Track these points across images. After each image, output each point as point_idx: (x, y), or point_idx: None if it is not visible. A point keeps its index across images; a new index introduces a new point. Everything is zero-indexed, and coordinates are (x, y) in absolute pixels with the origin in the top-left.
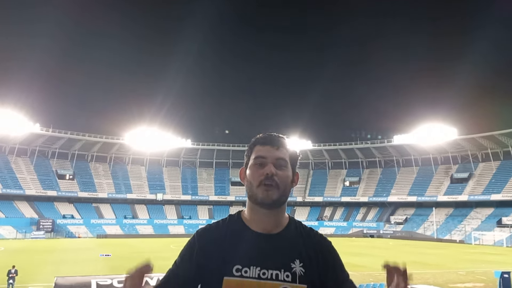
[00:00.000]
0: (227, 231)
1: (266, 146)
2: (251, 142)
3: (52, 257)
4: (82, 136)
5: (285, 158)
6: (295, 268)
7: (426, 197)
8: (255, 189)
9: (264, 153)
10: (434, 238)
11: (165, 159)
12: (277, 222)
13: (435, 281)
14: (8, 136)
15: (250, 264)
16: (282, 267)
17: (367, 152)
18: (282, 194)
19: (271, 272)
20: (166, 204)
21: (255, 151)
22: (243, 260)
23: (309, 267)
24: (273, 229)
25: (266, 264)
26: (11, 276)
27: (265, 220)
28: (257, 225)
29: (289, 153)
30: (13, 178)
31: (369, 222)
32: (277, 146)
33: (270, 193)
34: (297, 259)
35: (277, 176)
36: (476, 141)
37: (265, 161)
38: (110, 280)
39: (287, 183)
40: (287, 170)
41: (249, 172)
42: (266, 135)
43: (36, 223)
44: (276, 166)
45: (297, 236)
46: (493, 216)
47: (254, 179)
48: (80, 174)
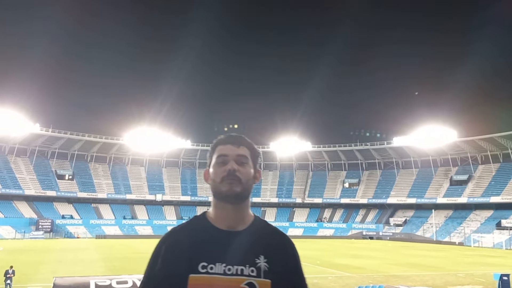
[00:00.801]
0: (192, 231)
1: (228, 145)
2: (212, 144)
3: (50, 257)
4: (82, 137)
5: (246, 155)
6: (260, 263)
7: (426, 199)
8: (219, 185)
9: (225, 151)
10: (433, 240)
11: (165, 160)
12: (242, 219)
13: (434, 283)
14: (7, 136)
15: (216, 261)
16: (247, 263)
17: (366, 153)
18: (245, 188)
19: (236, 267)
20: (166, 205)
21: (217, 151)
22: (208, 257)
23: (274, 263)
24: (238, 226)
25: (232, 260)
26: (8, 277)
27: (230, 217)
28: (222, 222)
29: (250, 151)
30: (12, 178)
31: (368, 224)
32: (237, 145)
33: (233, 186)
34: (261, 254)
35: (239, 171)
36: (475, 143)
37: (227, 159)
38: (109, 281)
39: (249, 178)
40: (248, 166)
41: (212, 170)
42: (227, 135)
43: (35, 223)
44: (237, 163)
45: (262, 233)
46: (493, 218)
47: (217, 176)
48: (79, 174)
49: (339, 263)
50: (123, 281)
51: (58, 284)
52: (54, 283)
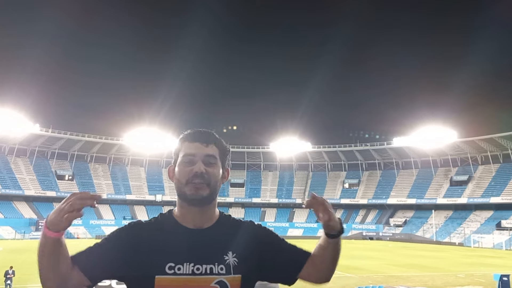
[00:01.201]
0: (158, 229)
1: (195, 143)
2: (179, 139)
3: None
4: (82, 137)
5: (215, 155)
6: (228, 260)
7: (426, 199)
8: (184, 187)
9: (193, 150)
10: (433, 241)
11: (165, 160)
12: (208, 218)
13: (434, 283)
14: (7, 136)
15: (183, 261)
16: (215, 261)
17: (366, 154)
18: (212, 191)
19: (205, 266)
20: (166, 205)
21: (183, 148)
22: (175, 257)
23: (243, 256)
24: (204, 224)
25: (200, 259)
26: (8, 277)
27: (196, 217)
28: (188, 221)
29: (219, 149)
30: (12, 178)
31: (368, 224)
32: (206, 143)
33: (200, 190)
34: (229, 251)
35: (207, 173)
36: (475, 144)
37: (194, 159)
38: (108, 281)
39: (217, 180)
40: (216, 167)
41: (178, 169)
42: (194, 131)
43: (35, 223)
44: (205, 163)
45: (228, 228)
46: (493, 219)
47: (182, 176)
48: (79, 174)
49: (338, 263)
50: None
51: None
52: None
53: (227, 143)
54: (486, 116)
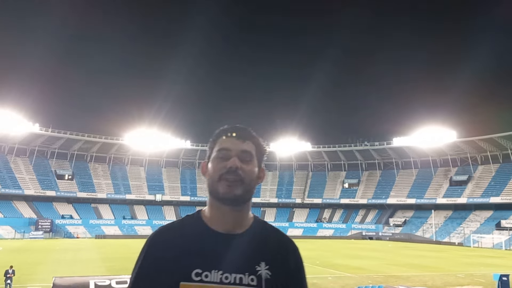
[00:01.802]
0: (184, 232)
1: (231, 138)
2: (214, 134)
3: (50, 257)
4: (82, 137)
5: (251, 151)
6: (261, 271)
7: (425, 199)
8: (216, 183)
9: (228, 145)
10: (433, 241)
11: (164, 160)
12: (241, 221)
13: (433, 283)
14: (7, 136)
15: (211, 268)
16: (246, 270)
17: (366, 154)
18: (247, 190)
19: (235, 276)
20: (165, 205)
21: (218, 143)
22: (203, 264)
23: (276, 270)
24: (236, 229)
25: (229, 267)
26: (8, 276)
27: (228, 219)
28: (218, 224)
29: (256, 147)
30: (12, 178)
31: (368, 224)
32: (242, 139)
33: (233, 188)
34: (262, 261)
35: (241, 169)
36: (475, 144)
37: (228, 154)
38: (108, 281)
39: (252, 178)
40: (252, 164)
41: (211, 165)
42: (231, 126)
43: (34, 223)
44: (240, 159)
45: (263, 237)
46: (492, 218)
47: (215, 172)
48: (79, 174)
49: (338, 263)
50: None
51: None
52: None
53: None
54: (486, 116)
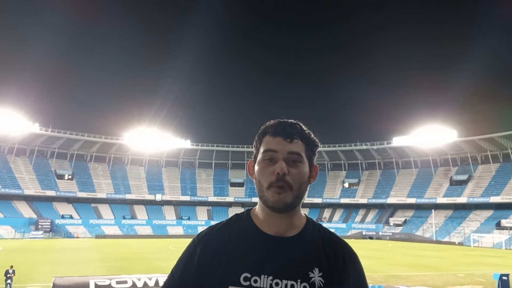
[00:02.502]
0: (233, 233)
1: (277, 137)
2: (260, 131)
3: (50, 257)
4: (81, 136)
5: (300, 152)
6: (314, 278)
7: (425, 199)
8: (265, 191)
9: (274, 146)
10: (433, 240)
11: (164, 160)
12: (292, 224)
13: (434, 283)
14: (7, 136)
15: (261, 273)
16: (298, 277)
17: (366, 153)
18: (297, 196)
19: (286, 282)
20: (165, 205)
21: (264, 142)
22: (252, 268)
23: (329, 277)
24: (288, 231)
25: (280, 272)
26: (9, 276)
27: (278, 223)
28: (269, 227)
29: (305, 145)
30: (12, 177)
31: (368, 224)
32: (290, 138)
33: (283, 196)
34: (316, 267)
35: (290, 175)
36: (475, 143)
37: (275, 156)
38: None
39: (303, 182)
40: (302, 166)
41: (258, 168)
42: (277, 122)
43: (34, 223)
44: (288, 162)
45: (316, 240)
46: (492, 218)
47: (263, 179)
48: (79, 174)
49: None
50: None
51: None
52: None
53: (227, 143)
54: (486, 115)
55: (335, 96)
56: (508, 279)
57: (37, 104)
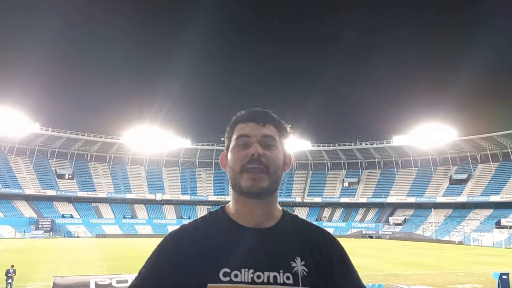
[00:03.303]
0: (209, 229)
1: (250, 122)
2: (231, 121)
3: (50, 256)
4: (82, 136)
5: (274, 136)
6: (296, 267)
7: (425, 198)
8: (238, 176)
9: (247, 130)
10: (433, 239)
11: (165, 159)
12: (270, 214)
13: (433, 282)
14: (7, 136)
15: (241, 266)
16: (280, 267)
17: (366, 153)
18: (273, 180)
19: (268, 274)
20: (165, 204)
21: (236, 130)
22: (232, 262)
23: (312, 265)
24: (265, 222)
25: (261, 265)
26: (9, 276)
27: (255, 213)
28: (246, 219)
29: (278, 130)
30: (12, 177)
31: (368, 223)
32: (263, 122)
33: (258, 180)
34: (297, 256)
35: (265, 157)
36: (475, 142)
37: (249, 140)
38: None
39: (278, 166)
40: (276, 150)
41: (230, 155)
42: (248, 110)
43: (35, 222)
44: (263, 145)
45: (296, 229)
46: (492, 217)
47: (236, 163)
48: (79, 173)
49: None
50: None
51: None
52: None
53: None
54: (486, 114)
55: (334, 96)
56: (508, 278)
57: (38, 104)
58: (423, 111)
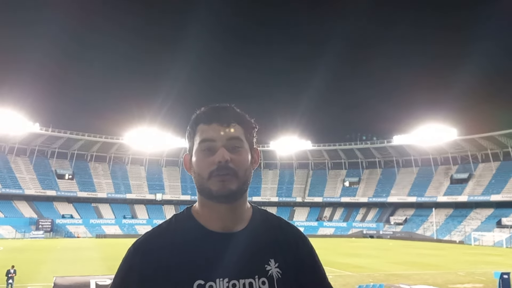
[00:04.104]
0: (177, 236)
1: (212, 124)
2: (191, 120)
3: (51, 256)
4: (82, 136)
5: (239, 137)
6: (271, 270)
7: (426, 197)
8: (206, 182)
9: (211, 134)
10: (433, 239)
11: (165, 159)
12: (239, 217)
13: (434, 281)
14: (7, 136)
15: (215, 276)
16: (255, 273)
17: (366, 152)
18: (243, 182)
19: (243, 281)
20: (166, 204)
21: (199, 132)
22: (205, 273)
23: (286, 266)
24: (236, 225)
25: (235, 272)
26: (10, 276)
27: (225, 217)
28: (215, 223)
29: (243, 128)
30: (12, 177)
31: (368, 223)
32: (227, 123)
33: (227, 183)
34: (271, 258)
35: (233, 162)
36: (475, 142)
37: (214, 145)
38: (109, 280)
39: (247, 167)
40: (244, 151)
41: (195, 160)
42: (209, 108)
43: (35, 223)
44: (229, 149)
45: (267, 230)
46: (493, 216)
47: (203, 170)
48: (79, 174)
49: (339, 262)
50: None
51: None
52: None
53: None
54: (486, 114)
55: (335, 96)
56: (509, 278)
57: (37, 104)
58: (424, 111)
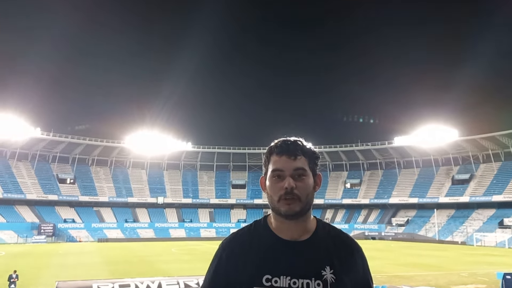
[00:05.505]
0: (254, 239)
1: (283, 156)
2: (267, 150)
3: (53, 261)
4: (83, 140)
5: (304, 167)
6: (326, 275)
7: (428, 198)
8: (277, 204)
9: (281, 165)
10: (435, 240)
11: (166, 163)
12: (304, 229)
13: (437, 282)
14: (9, 141)
15: (280, 274)
16: (312, 276)
17: (368, 154)
18: (305, 205)
19: (302, 281)
20: (167, 208)
21: (272, 162)
22: (273, 270)
23: (340, 273)
24: (301, 236)
25: (296, 273)
26: (12, 281)
27: (292, 229)
28: (284, 233)
29: (308, 159)
30: (14, 182)
31: (370, 224)
32: (294, 156)
33: (292, 205)
34: (327, 265)
35: (297, 188)
36: (477, 142)
37: (283, 174)
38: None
39: (309, 192)
40: (307, 179)
41: (269, 184)
42: (281, 142)
43: (37, 227)
44: (294, 178)
45: (327, 241)
46: (495, 217)
47: (274, 193)
48: (81, 178)
49: None
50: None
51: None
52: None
53: (229, 145)
54: (488, 114)
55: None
56: (511, 278)
57: (39, 109)
58: (425, 112)
